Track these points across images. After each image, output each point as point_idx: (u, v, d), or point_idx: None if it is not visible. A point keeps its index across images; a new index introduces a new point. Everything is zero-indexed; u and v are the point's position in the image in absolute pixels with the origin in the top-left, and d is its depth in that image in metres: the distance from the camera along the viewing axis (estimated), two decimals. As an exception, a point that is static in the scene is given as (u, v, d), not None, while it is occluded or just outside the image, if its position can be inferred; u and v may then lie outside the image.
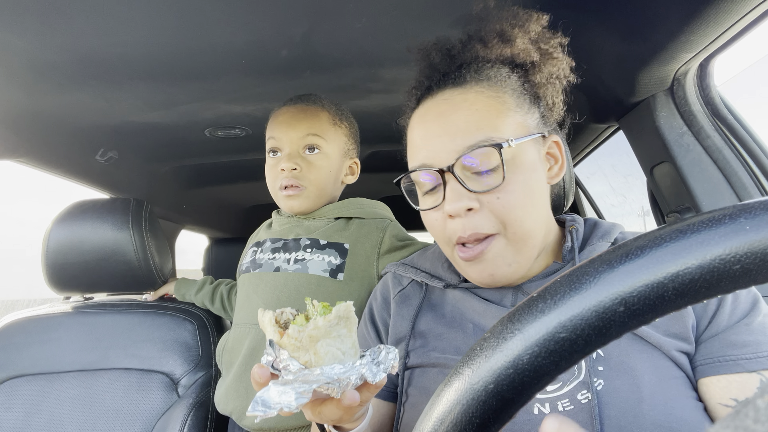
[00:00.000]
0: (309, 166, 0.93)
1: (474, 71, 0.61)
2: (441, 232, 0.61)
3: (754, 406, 0.15)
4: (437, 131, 0.59)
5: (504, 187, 0.56)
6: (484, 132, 0.57)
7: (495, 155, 0.56)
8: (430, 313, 0.68)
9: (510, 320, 0.26)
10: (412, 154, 0.63)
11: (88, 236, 1.12)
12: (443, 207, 0.58)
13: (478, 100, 0.59)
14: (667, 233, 0.25)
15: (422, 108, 0.63)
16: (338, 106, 0.99)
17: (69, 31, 0.74)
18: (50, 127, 1.09)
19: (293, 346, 0.43)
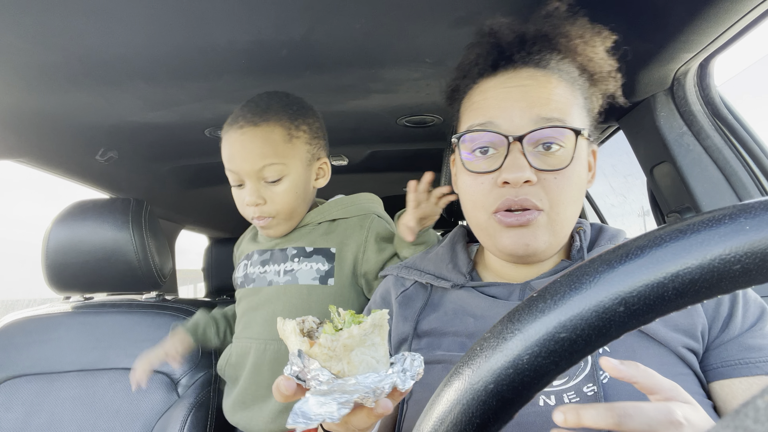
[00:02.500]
0: (273, 197, 0.88)
1: (556, 60, 0.62)
2: (483, 197, 0.60)
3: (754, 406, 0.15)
4: (517, 97, 0.59)
5: (564, 171, 0.57)
6: (561, 113, 0.58)
7: (570, 139, 0.58)
8: (433, 314, 0.68)
9: (510, 320, 0.26)
10: (477, 113, 0.62)
11: (88, 236, 1.12)
12: (500, 174, 0.58)
13: (559, 86, 0.60)
14: (667, 233, 0.25)
15: (503, 76, 0.62)
16: (291, 107, 0.90)
17: (69, 31, 0.74)
18: (50, 127, 1.09)
19: (325, 356, 0.42)
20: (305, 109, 0.93)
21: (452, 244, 0.76)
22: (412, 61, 0.91)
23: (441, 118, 1.24)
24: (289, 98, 0.92)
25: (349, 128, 1.31)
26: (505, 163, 0.58)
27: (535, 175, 0.57)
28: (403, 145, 1.51)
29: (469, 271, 0.70)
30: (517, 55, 0.63)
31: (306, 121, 0.91)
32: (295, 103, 0.92)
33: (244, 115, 0.87)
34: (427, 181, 0.81)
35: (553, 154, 0.58)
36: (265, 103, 0.89)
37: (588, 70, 0.64)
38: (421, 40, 0.83)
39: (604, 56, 0.63)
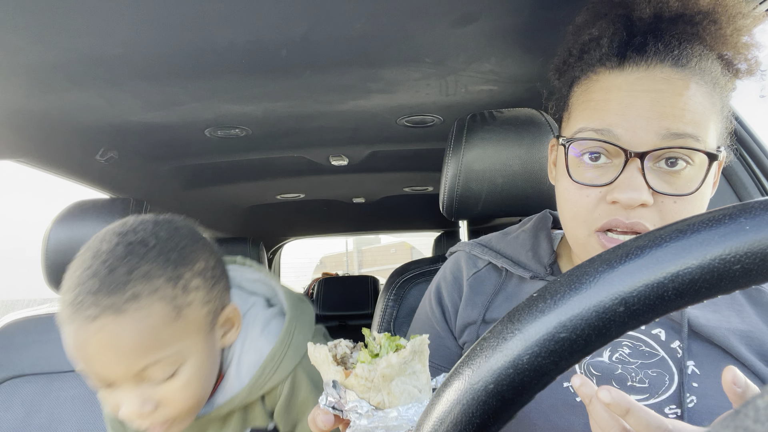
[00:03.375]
0: (167, 397, 0.59)
1: (698, 56, 0.51)
2: (586, 212, 0.52)
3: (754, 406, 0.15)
4: (645, 105, 0.49)
5: (689, 197, 0.49)
6: (695, 128, 0.48)
7: (702, 162, 0.49)
8: (506, 303, 0.64)
9: (510, 320, 0.26)
10: (594, 114, 0.53)
11: (88, 236, 1.11)
12: (611, 191, 0.50)
13: (698, 93, 0.50)
14: (667, 233, 0.25)
15: (631, 75, 0.51)
16: (170, 254, 0.60)
17: (69, 31, 0.74)
18: (50, 127, 1.09)
19: (363, 387, 0.38)
20: (192, 244, 0.64)
21: (535, 230, 0.69)
22: (412, 61, 0.91)
23: (441, 118, 1.24)
24: (164, 232, 0.62)
25: (349, 128, 1.31)
26: (620, 179, 0.50)
27: (653, 197, 0.49)
28: (403, 145, 1.51)
29: (550, 263, 0.64)
30: (652, 46, 0.51)
31: (196, 270, 0.62)
32: (173, 242, 0.62)
33: (94, 293, 0.56)
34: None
35: (678, 172, 0.49)
36: (125, 264, 0.57)
37: (735, 66, 0.54)
38: (421, 40, 0.83)
39: (754, 48, 0.53)
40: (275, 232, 2.98)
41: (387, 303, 0.96)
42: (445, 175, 0.93)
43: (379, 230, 3.40)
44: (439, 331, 0.71)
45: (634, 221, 0.49)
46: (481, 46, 0.85)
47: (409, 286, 0.97)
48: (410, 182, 2.03)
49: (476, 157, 0.89)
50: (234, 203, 2.19)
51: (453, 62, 0.92)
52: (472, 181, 0.90)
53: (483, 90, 1.06)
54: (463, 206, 0.93)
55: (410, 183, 2.04)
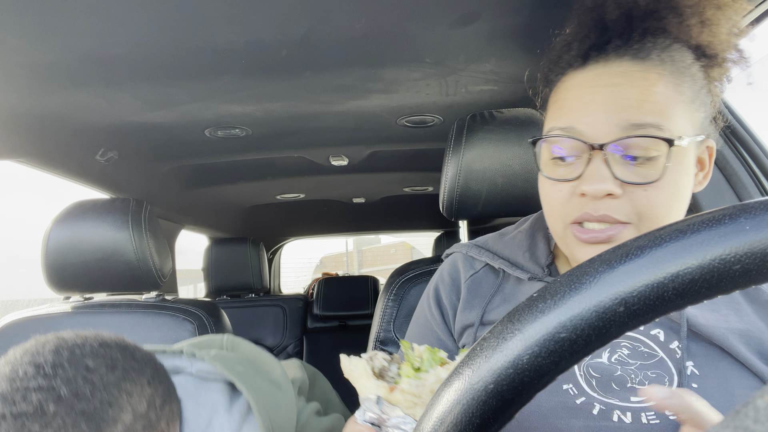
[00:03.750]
0: None
1: (660, 48, 0.52)
2: (561, 207, 0.55)
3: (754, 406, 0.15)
4: (602, 99, 0.52)
5: (656, 184, 0.50)
6: (656, 117, 0.50)
7: (661, 149, 0.49)
8: (504, 305, 0.64)
9: (510, 320, 0.26)
10: (560, 114, 0.55)
11: (87, 236, 1.12)
12: (579, 184, 0.52)
13: (658, 82, 0.51)
14: (667, 233, 0.25)
15: (590, 71, 0.54)
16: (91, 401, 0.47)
17: (69, 31, 0.74)
18: (50, 127, 1.09)
19: (409, 402, 0.36)
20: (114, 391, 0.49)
21: (532, 231, 0.69)
22: (412, 61, 0.91)
23: (441, 118, 1.24)
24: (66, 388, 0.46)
25: (349, 128, 1.31)
26: (586, 172, 0.51)
27: (620, 188, 0.50)
28: (403, 145, 1.51)
29: (548, 264, 0.64)
30: (612, 44, 0.54)
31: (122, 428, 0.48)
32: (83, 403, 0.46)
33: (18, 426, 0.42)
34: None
35: (644, 162, 0.50)
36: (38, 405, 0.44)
37: (707, 54, 0.54)
38: (421, 41, 0.83)
39: (728, 37, 0.53)
40: (275, 232, 2.98)
41: (387, 303, 0.96)
42: (445, 175, 0.93)
43: (379, 230, 3.40)
44: (439, 334, 0.70)
45: (602, 214, 0.51)
46: (481, 46, 0.85)
47: (409, 286, 0.97)
48: (410, 182, 2.03)
49: (476, 157, 0.89)
50: (234, 203, 2.19)
51: (453, 62, 0.92)
52: (472, 181, 0.90)
53: (483, 90, 1.06)
54: (463, 206, 0.93)
55: (410, 183, 2.04)
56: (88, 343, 0.51)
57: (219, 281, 2.27)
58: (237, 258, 2.24)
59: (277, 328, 2.26)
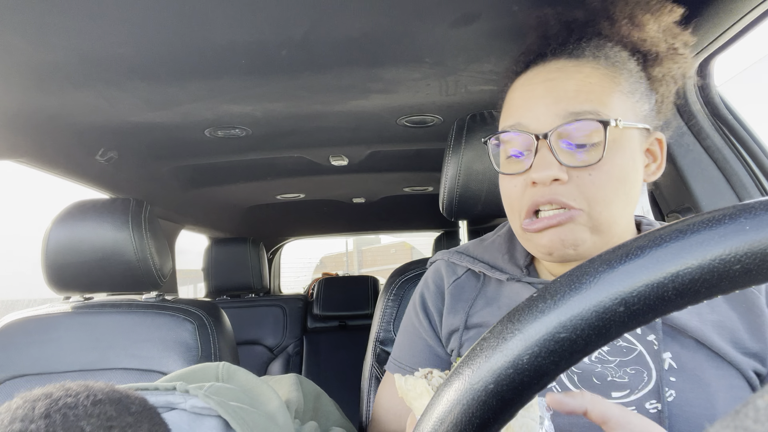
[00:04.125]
0: None
1: (594, 47, 0.57)
2: (516, 201, 0.58)
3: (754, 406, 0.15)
4: (542, 93, 0.56)
5: (599, 166, 0.53)
6: (593, 105, 0.53)
7: (599, 132, 0.53)
8: (487, 308, 0.66)
9: (510, 320, 0.26)
10: (508, 114, 0.60)
11: (87, 236, 1.12)
12: (529, 173, 0.55)
13: (593, 74, 0.55)
14: (667, 233, 0.25)
15: (531, 72, 0.59)
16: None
17: (69, 31, 0.74)
18: (50, 127, 1.09)
19: None
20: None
21: (510, 234, 0.72)
22: (412, 61, 0.91)
23: (441, 118, 1.24)
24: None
25: (349, 128, 1.31)
26: (534, 161, 0.54)
27: (566, 173, 0.53)
28: (403, 145, 1.51)
29: (526, 264, 0.66)
30: (550, 48, 0.59)
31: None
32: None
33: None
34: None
35: (587, 149, 0.53)
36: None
37: (641, 51, 0.58)
38: (421, 41, 0.83)
39: (659, 34, 0.58)
40: (275, 232, 2.98)
41: (387, 303, 0.96)
42: (445, 175, 0.93)
43: (379, 230, 3.40)
44: (428, 340, 0.71)
45: (550, 198, 0.54)
46: (481, 46, 0.85)
47: (409, 286, 0.97)
48: (410, 182, 2.03)
49: (476, 157, 0.89)
50: (234, 203, 2.19)
51: (453, 62, 0.92)
52: (472, 181, 0.90)
53: (483, 90, 1.06)
54: (463, 206, 0.93)
55: (410, 183, 2.04)
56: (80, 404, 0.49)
57: (219, 281, 2.27)
58: (237, 258, 2.24)
59: (277, 328, 2.26)
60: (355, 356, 1.69)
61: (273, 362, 2.20)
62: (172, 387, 0.66)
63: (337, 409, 0.87)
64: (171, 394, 0.65)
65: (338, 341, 2.38)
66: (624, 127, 0.53)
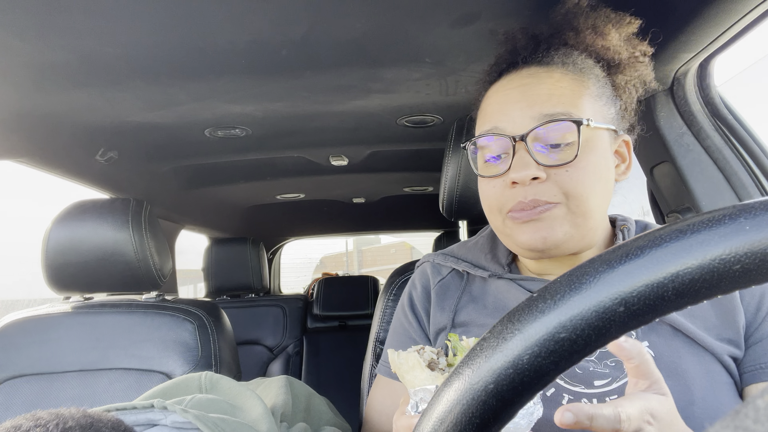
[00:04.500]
0: None
1: (562, 54, 0.61)
2: (496, 200, 0.60)
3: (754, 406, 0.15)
4: (516, 98, 0.59)
5: (575, 164, 0.56)
6: (565, 107, 0.57)
7: (572, 131, 0.56)
8: (471, 305, 0.68)
9: (510, 320, 0.26)
10: (484, 120, 0.63)
11: (87, 236, 1.12)
12: (508, 174, 0.57)
13: (563, 79, 0.59)
14: (667, 233, 0.25)
15: (504, 80, 0.63)
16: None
17: (69, 31, 0.74)
18: (50, 127, 1.09)
19: None
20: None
21: (493, 235, 0.75)
22: (412, 61, 0.91)
23: (441, 118, 1.24)
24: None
25: (349, 128, 1.31)
26: (513, 163, 0.57)
27: (544, 172, 0.56)
28: (403, 145, 1.51)
29: (508, 262, 0.69)
30: (521, 57, 0.63)
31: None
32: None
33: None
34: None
35: (562, 149, 0.56)
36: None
37: (605, 59, 0.62)
38: (421, 40, 0.83)
39: (621, 43, 0.62)
40: (275, 232, 2.98)
41: (387, 303, 0.96)
42: (445, 175, 0.93)
43: (379, 230, 3.40)
44: (417, 340, 0.74)
45: (531, 198, 0.56)
46: (481, 46, 0.85)
47: (409, 286, 0.97)
48: (410, 182, 2.03)
49: (476, 157, 0.89)
50: (234, 203, 2.19)
51: (453, 62, 0.92)
52: (472, 181, 0.89)
53: (483, 90, 1.06)
54: (462, 206, 0.93)
55: (410, 183, 2.04)
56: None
57: (219, 281, 2.27)
58: (237, 258, 2.24)
59: (277, 328, 2.26)
60: (355, 356, 1.69)
61: (273, 362, 2.20)
62: (150, 405, 0.65)
63: (330, 408, 0.88)
64: (150, 411, 0.65)
65: (338, 341, 2.38)
66: (595, 126, 0.57)
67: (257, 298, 2.36)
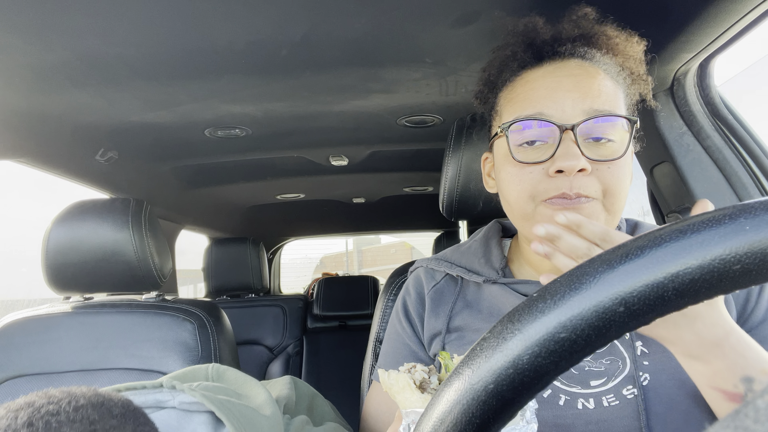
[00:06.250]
0: None
1: (604, 55, 0.61)
2: (533, 187, 0.58)
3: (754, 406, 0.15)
4: (569, 87, 0.58)
5: (619, 162, 0.56)
6: (611, 106, 0.57)
7: (623, 129, 0.57)
8: (466, 310, 0.68)
9: (510, 320, 0.26)
10: (525, 105, 0.60)
11: (88, 236, 1.12)
12: (553, 163, 0.56)
13: (606, 79, 0.59)
14: (667, 233, 0.25)
15: (550, 66, 0.61)
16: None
17: (69, 31, 0.74)
18: (50, 127, 1.09)
19: None
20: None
21: (486, 239, 0.74)
22: (412, 61, 0.91)
23: (441, 118, 1.24)
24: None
25: (349, 128, 1.31)
26: (558, 151, 0.56)
27: (589, 165, 0.55)
28: (403, 145, 1.51)
29: (502, 267, 0.69)
30: (563, 47, 0.61)
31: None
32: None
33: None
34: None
35: (604, 145, 0.56)
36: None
37: (627, 68, 0.63)
38: (421, 40, 0.83)
39: (641, 57, 0.63)
40: (275, 232, 2.98)
41: (387, 303, 0.96)
42: (445, 175, 0.93)
43: (379, 230, 3.40)
44: (412, 346, 0.73)
45: (577, 191, 0.55)
46: (481, 46, 0.85)
47: (409, 286, 0.97)
48: (410, 182, 2.03)
49: (476, 157, 0.89)
50: (234, 203, 2.19)
51: (453, 62, 0.92)
52: (471, 181, 0.89)
53: (483, 90, 1.06)
54: (462, 206, 0.93)
55: (410, 183, 2.04)
56: (62, 410, 0.49)
57: (219, 281, 2.27)
58: (237, 258, 2.24)
59: (277, 328, 2.26)
60: (355, 356, 1.68)
61: (273, 362, 2.20)
62: (159, 384, 0.66)
63: (333, 410, 0.88)
64: (159, 391, 0.65)
65: (338, 341, 2.38)
66: (637, 127, 0.58)
67: (257, 298, 2.36)
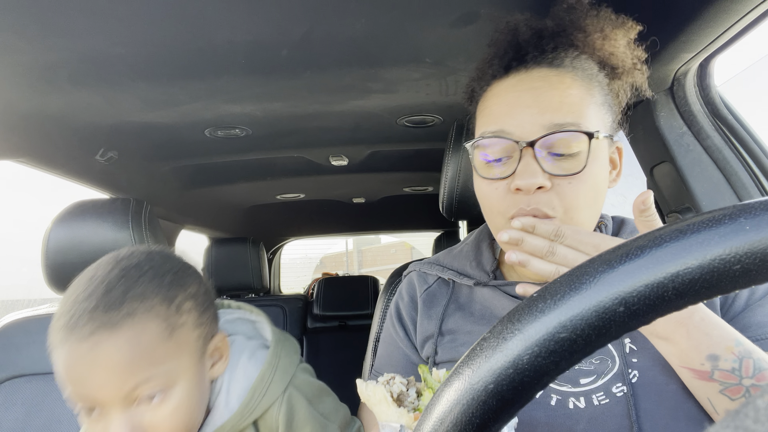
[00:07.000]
0: (156, 425, 0.57)
1: (571, 57, 0.60)
2: (498, 203, 0.60)
3: (754, 406, 0.15)
4: (528, 102, 0.57)
5: (580, 176, 0.56)
6: (575, 117, 0.56)
7: (583, 142, 0.55)
8: (458, 312, 0.68)
9: (510, 320, 0.26)
10: (489, 120, 0.61)
11: (88, 236, 1.12)
12: (513, 180, 0.57)
13: (573, 86, 0.58)
14: (667, 233, 0.25)
15: (513, 78, 0.61)
16: (164, 276, 0.61)
17: (69, 31, 0.74)
18: (50, 127, 1.09)
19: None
20: (184, 270, 0.65)
21: (477, 242, 0.75)
22: (412, 61, 0.91)
23: (441, 118, 1.24)
24: (157, 258, 0.64)
25: (349, 128, 1.31)
26: (518, 169, 0.56)
27: (549, 181, 0.55)
28: (403, 145, 1.51)
29: (493, 269, 0.69)
30: (530, 55, 0.61)
31: (189, 293, 0.63)
32: (167, 267, 0.63)
33: (90, 311, 0.56)
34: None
35: (567, 158, 0.56)
36: (122, 285, 0.58)
37: (609, 65, 0.62)
38: (421, 40, 0.83)
39: (626, 49, 0.61)
40: (275, 232, 2.98)
41: (387, 303, 0.96)
42: (445, 175, 0.93)
43: (379, 230, 3.40)
44: (405, 350, 0.74)
45: (533, 208, 0.56)
46: (481, 46, 0.85)
47: (409, 286, 0.97)
48: (410, 182, 2.03)
49: (476, 157, 0.89)
50: (234, 203, 2.19)
51: (453, 62, 0.92)
52: (471, 182, 0.89)
53: (483, 90, 1.06)
54: (462, 206, 0.93)
55: (410, 183, 2.04)
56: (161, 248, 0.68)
57: (219, 281, 2.27)
58: (237, 258, 2.24)
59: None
60: (355, 356, 1.68)
61: (273, 362, 2.20)
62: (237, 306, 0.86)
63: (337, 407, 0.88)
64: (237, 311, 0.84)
65: (338, 341, 2.38)
66: (602, 138, 0.57)
67: (257, 298, 2.36)
